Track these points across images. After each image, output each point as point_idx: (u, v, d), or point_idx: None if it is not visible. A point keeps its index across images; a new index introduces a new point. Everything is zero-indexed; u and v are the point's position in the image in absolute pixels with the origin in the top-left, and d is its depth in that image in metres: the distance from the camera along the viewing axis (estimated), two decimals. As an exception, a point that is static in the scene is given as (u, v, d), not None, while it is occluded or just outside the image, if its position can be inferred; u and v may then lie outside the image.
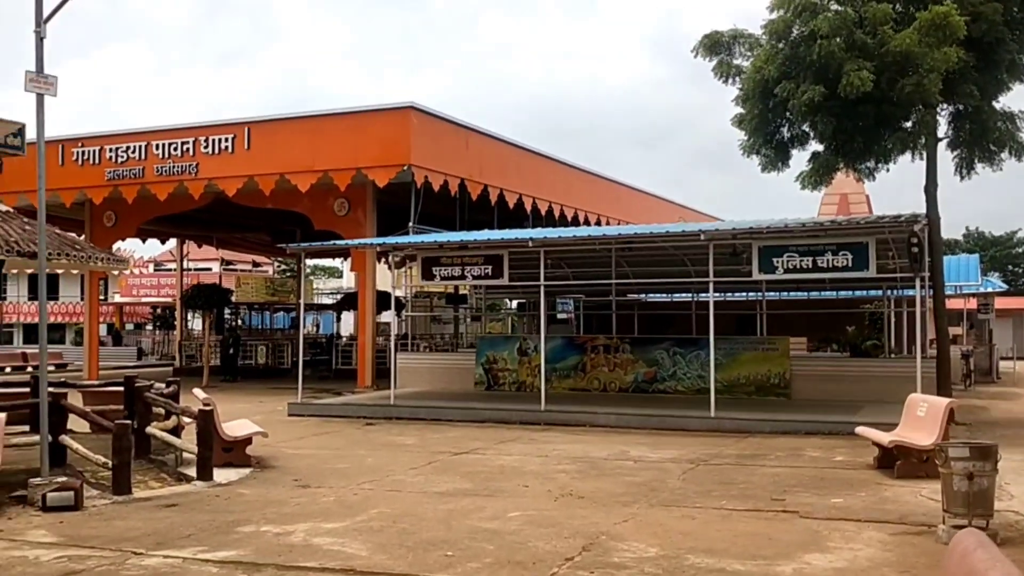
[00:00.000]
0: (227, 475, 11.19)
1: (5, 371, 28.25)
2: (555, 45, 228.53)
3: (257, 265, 56.90)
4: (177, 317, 39.43)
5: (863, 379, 18.37)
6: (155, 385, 12.98)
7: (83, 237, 27.63)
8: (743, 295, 28.61)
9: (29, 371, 26.28)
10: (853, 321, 26.99)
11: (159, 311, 48.92)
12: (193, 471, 11.06)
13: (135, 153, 25.89)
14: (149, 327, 51.36)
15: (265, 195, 24.52)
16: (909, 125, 16.51)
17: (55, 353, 34.22)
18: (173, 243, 39.70)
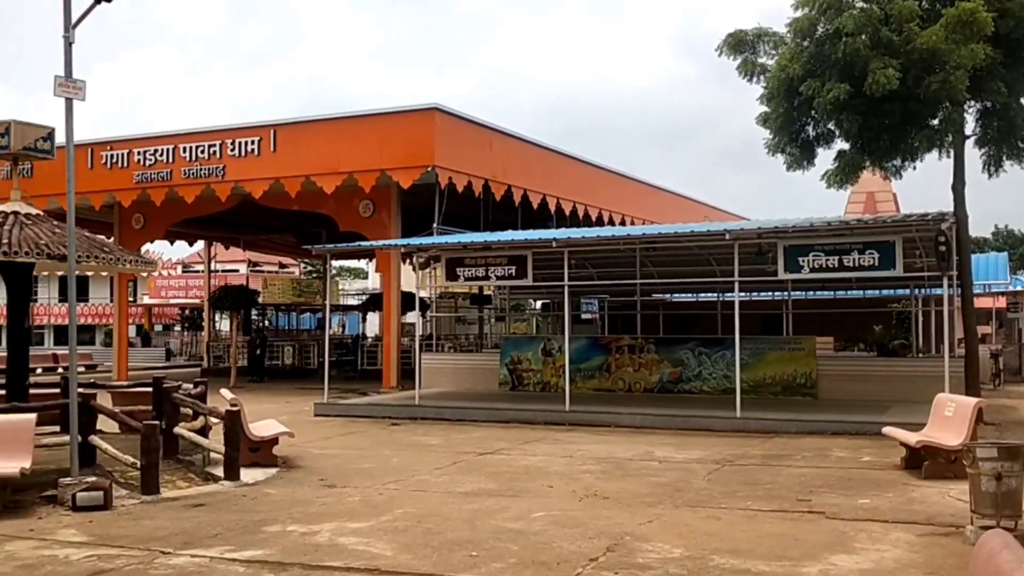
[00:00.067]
0: (254, 475, 11.28)
1: (36, 372, 28.52)
2: (579, 44, 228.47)
3: (284, 266, 57.20)
4: (205, 318, 39.76)
5: (890, 379, 18.23)
6: (183, 386, 13.09)
7: (112, 239, 27.97)
8: (769, 294, 28.45)
9: (59, 372, 26.60)
10: (880, 320, 26.78)
11: (187, 312, 49.31)
12: (220, 471, 11.16)
13: (163, 156, 26.13)
14: (177, 328, 51.73)
15: (291, 197, 24.68)
16: (936, 123, 16.34)
17: (85, 354, 34.58)
18: (201, 245, 40.04)
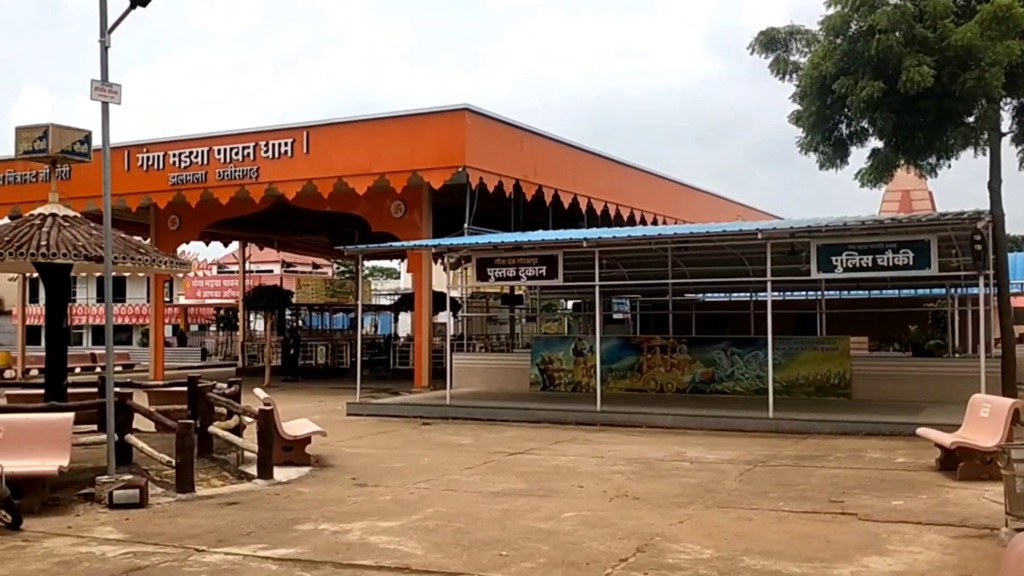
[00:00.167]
0: (287, 473, 11.39)
1: (75, 372, 28.99)
2: (612, 43, 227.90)
3: (317, 267, 57.68)
4: (240, 318, 40.19)
5: (925, 379, 18.03)
6: (217, 385, 13.24)
7: (148, 241, 28.35)
8: (803, 294, 28.25)
9: (97, 371, 26.99)
10: (916, 320, 26.48)
11: (222, 312, 49.87)
12: (254, 469, 11.28)
13: (198, 158, 26.42)
14: (213, 328, 52.32)
15: (323, 198, 24.87)
16: (971, 120, 16.15)
17: (122, 354, 35.15)
18: (235, 246, 40.50)
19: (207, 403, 12.29)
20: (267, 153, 25.37)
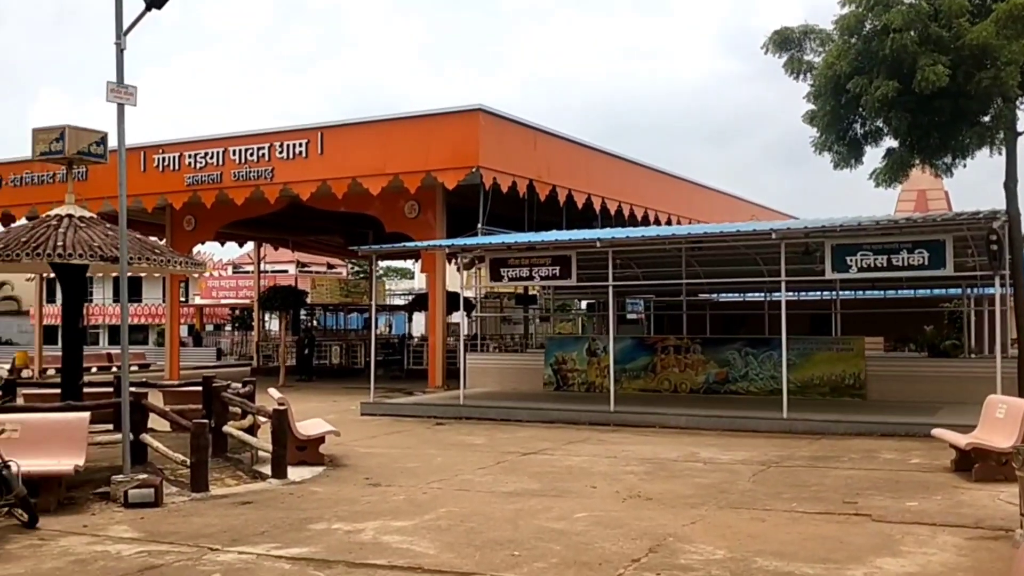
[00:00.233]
0: (301, 473, 11.44)
1: (91, 371, 29.17)
2: (625, 42, 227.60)
3: (331, 267, 57.78)
4: (255, 318, 40.33)
5: (941, 380, 17.94)
6: (232, 385, 13.31)
7: (164, 241, 28.50)
8: (817, 294, 28.14)
9: (113, 371, 27.15)
10: (931, 320, 26.34)
11: (237, 312, 50.08)
12: (268, 469, 11.34)
13: (213, 159, 26.53)
14: (228, 328, 52.55)
15: (338, 198, 24.93)
16: (987, 119, 16.01)
17: (138, 354, 35.30)
18: (250, 246, 40.65)
19: (222, 403, 12.35)
20: (282, 154, 25.46)
